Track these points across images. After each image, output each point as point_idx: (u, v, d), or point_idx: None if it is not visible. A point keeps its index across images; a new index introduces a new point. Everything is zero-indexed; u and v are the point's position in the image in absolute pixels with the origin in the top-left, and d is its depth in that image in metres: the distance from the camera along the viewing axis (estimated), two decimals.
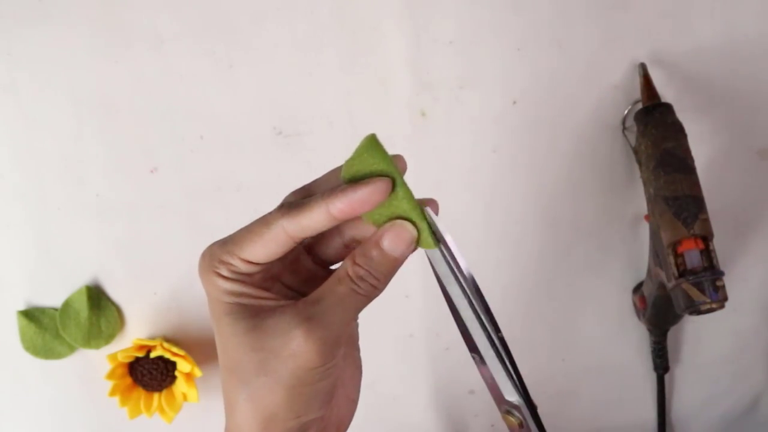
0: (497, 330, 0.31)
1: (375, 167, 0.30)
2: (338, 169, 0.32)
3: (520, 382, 0.31)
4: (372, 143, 0.30)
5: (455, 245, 0.31)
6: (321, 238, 0.34)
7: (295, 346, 0.29)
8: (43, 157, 0.57)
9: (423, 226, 0.31)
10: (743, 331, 0.69)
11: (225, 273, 0.31)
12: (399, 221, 0.31)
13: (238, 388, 0.31)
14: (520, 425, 0.32)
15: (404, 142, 0.59)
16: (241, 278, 0.31)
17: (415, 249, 0.31)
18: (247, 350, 0.30)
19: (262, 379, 0.30)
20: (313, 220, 0.30)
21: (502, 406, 0.32)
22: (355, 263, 0.31)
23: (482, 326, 0.31)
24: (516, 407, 0.31)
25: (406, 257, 0.31)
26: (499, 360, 0.31)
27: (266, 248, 0.30)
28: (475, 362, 0.32)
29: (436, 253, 0.31)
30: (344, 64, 0.57)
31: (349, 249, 0.34)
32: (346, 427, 0.36)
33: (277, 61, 0.57)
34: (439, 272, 0.32)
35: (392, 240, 0.31)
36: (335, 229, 0.33)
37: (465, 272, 0.31)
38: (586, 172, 0.62)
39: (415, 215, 0.31)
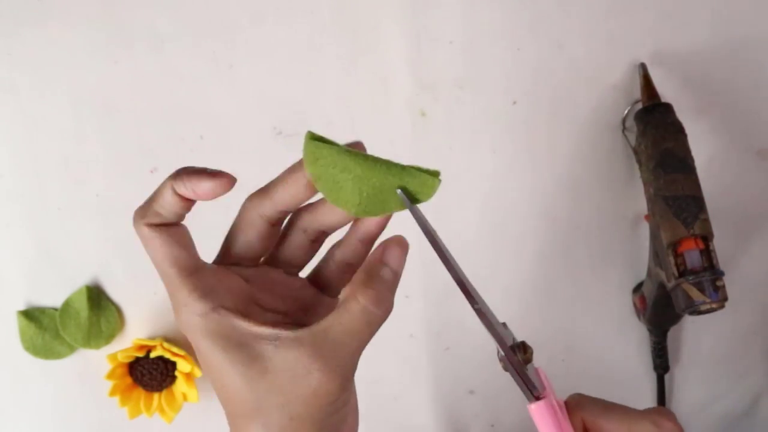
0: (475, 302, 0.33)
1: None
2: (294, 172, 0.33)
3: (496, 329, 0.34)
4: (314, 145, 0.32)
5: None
6: (284, 240, 0.35)
7: (316, 383, 0.29)
8: (43, 157, 0.57)
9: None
10: (743, 331, 0.69)
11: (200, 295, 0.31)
12: (394, 237, 0.32)
13: None
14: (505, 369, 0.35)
15: (404, 142, 0.59)
16: (220, 307, 0.31)
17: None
18: (264, 394, 0.30)
19: (288, 422, 0.30)
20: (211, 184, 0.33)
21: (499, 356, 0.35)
22: (366, 287, 0.30)
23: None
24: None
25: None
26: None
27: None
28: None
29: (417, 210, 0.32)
30: (344, 64, 0.57)
31: (316, 243, 0.35)
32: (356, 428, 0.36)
33: (277, 61, 0.57)
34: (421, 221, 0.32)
35: (396, 254, 0.32)
36: (297, 227, 0.34)
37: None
38: (586, 172, 0.62)
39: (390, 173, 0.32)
